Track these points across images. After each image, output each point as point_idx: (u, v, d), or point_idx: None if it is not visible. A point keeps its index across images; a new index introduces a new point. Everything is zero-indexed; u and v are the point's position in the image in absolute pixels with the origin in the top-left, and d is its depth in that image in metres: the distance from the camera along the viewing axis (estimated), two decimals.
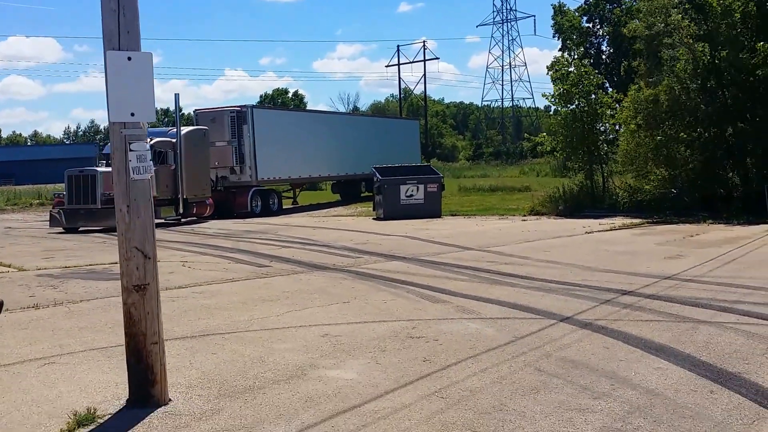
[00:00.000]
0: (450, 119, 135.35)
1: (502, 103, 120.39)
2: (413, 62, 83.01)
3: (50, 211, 29.38)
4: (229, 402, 6.63)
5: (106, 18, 6.24)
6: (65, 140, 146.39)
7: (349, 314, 10.32)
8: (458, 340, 8.62)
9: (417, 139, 51.68)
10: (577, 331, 8.89)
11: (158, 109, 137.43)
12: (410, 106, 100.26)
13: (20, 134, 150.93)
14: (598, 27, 74.60)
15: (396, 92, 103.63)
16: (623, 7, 71.33)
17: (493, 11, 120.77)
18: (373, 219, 27.38)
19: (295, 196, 39.21)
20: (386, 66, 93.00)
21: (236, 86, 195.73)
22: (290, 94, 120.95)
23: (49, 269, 15.56)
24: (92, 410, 6.32)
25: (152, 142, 28.27)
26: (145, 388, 6.51)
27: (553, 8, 76.11)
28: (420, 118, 70.98)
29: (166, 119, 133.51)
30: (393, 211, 26.39)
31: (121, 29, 6.21)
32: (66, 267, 15.90)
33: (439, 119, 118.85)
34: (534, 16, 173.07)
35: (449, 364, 7.60)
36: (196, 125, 32.87)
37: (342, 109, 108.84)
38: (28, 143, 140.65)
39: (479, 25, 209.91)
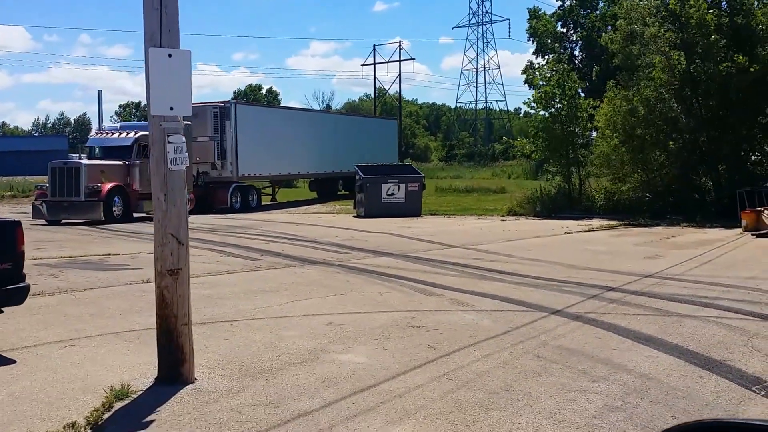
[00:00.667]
0: (423, 120, 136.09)
1: (476, 104, 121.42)
2: (389, 62, 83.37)
3: (32, 202, 29.53)
4: (251, 381, 7.10)
5: (148, 16, 6.70)
6: (34, 132, 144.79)
7: (349, 305, 10.82)
8: (457, 329, 9.16)
9: (395, 139, 52.24)
10: (569, 323, 9.47)
11: (131, 102, 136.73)
12: (384, 106, 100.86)
13: None
14: (572, 32, 75.75)
15: (369, 91, 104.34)
16: (597, 13, 72.56)
17: (469, 14, 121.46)
18: (354, 216, 27.87)
19: (274, 193, 39.52)
20: (362, 65, 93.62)
21: (209, 81, 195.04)
22: (264, 91, 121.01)
23: (45, 259, 15.88)
24: (126, 386, 6.77)
25: (137, 136, 28.59)
26: (175, 366, 6.97)
27: (528, 12, 77.13)
28: (404, 118, 71.60)
29: (137, 113, 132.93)
30: (374, 209, 26.92)
31: (162, 27, 6.68)
32: (61, 257, 16.23)
33: (412, 119, 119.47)
34: (509, 19, 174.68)
35: (452, 351, 8.13)
36: None
37: (316, 107, 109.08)
38: None
39: (455, 27, 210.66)
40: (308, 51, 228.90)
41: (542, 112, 28.22)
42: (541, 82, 28.11)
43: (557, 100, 27.29)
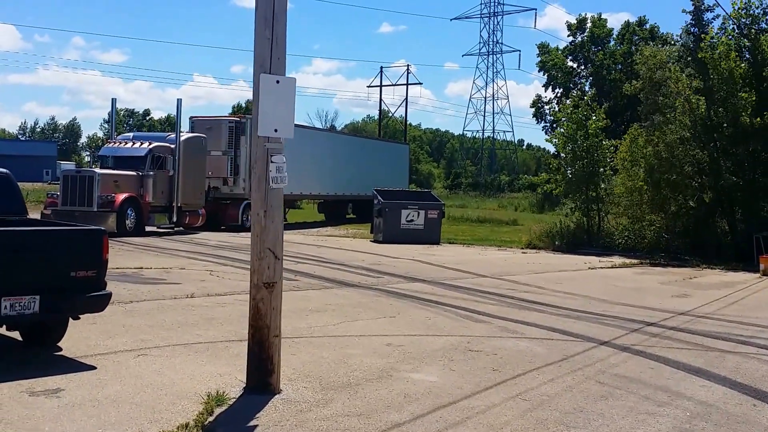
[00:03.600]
0: (426, 146, 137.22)
1: (483, 133, 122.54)
2: (396, 85, 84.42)
3: (41, 211, 29.85)
4: (335, 394, 7.66)
5: (259, 44, 7.34)
6: (20, 136, 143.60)
7: (401, 327, 11.39)
8: (514, 355, 9.74)
9: (406, 164, 52.80)
10: (619, 354, 10.06)
11: (123, 108, 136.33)
12: (387, 129, 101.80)
13: None
14: (582, 67, 77.01)
15: (370, 112, 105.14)
16: (608, 50, 73.80)
17: (480, 42, 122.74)
18: (372, 241, 28.43)
19: (284, 213, 39.88)
20: (368, 86, 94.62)
21: (204, 93, 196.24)
22: None
23: None
24: (222, 393, 7.32)
25: (151, 147, 28.92)
26: (264, 377, 7.53)
27: (538, 48, 78.51)
28: (410, 143, 72.32)
29: (132, 120, 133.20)
30: (393, 234, 27.50)
31: (273, 55, 7.31)
32: None
33: (416, 145, 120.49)
34: (519, 51, 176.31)
35: (517, 374, 8.72)
36: (192, 132, 32.87)
37: (318, 126, 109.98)
38: None
39: (465, 55, 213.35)
40: (310, 68, 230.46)
41: (565, 148, 28.83)
42: (563, 119, 28.80)
43: (580, 138, 27.96)
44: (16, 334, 9.53)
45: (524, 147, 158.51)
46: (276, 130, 7.40)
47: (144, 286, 14.48)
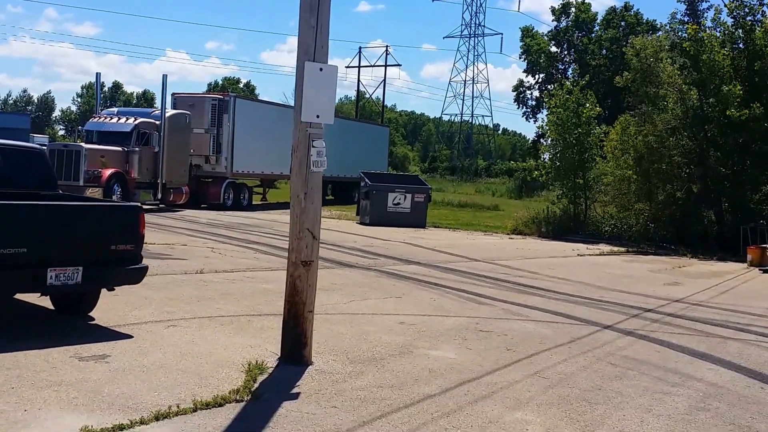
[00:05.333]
0: (401, 128, 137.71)
1: (461, 117, 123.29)
2: (374, 66, 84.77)
3: None
4: (363, 367, 8.27)
5: (304, 32, 7.88)
6: None
7: (409, 307, 12.00)
8: (524, 336, 10.39)
9: (386, 147, 53.32)
10: (624, 338, 10.75)
11: (88, 83, 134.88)
12: (363, 111, 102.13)
13: None
14: (566, 53, 77.91)
15: (348, 93, 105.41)
16: (593, 36, 74.70)
17: (462, 24, 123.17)
18: (358, 223, 28.99)
19: (264, 192, 40.15)
20: (346, 66, 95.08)
21: (177, 68, 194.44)
22: (242, 84, 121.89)
23: None
24: (260, 363, 7.90)
25: (137, 122, 29.20)
26: (298, 349, 8.12)
27: (521, 31, 79.24)
28: (388, 125, 72.74)
29: (104, 96, 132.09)
30: (379, 217, 28.09)
31: (317, 44, 7.86)
32: None
33: (392, 127, 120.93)
34: (502, 34, 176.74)
35: (531, 354, 9.37)
36: (174, 109, 33.00)
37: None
38: None
39: (446, 37, 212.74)
40: (285, 46, 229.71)
41: (555, 135, 29.50)
42: (555, 106, 29.46)
43: (572, 126, 28.64)
44: (48, 304, 10.04)
45: (500, 132, 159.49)
46: (318, 116, 7.93)
47: (153, 261, 14.82)
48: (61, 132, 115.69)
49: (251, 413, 6.56)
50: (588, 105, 29.05)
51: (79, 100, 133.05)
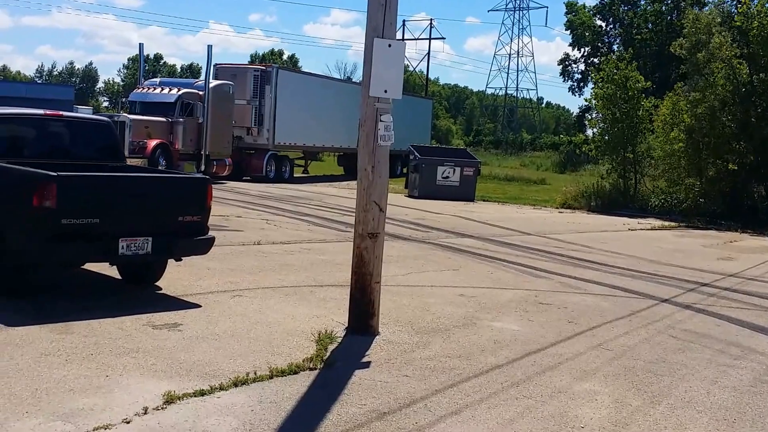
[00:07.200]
0: (444, 101, 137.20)
1: (506, 91, 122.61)
2: (418, 39, 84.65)
3: None
4: (429, 338, 8.41)
5: (373, 9, 7.96)
6: (36, 79, 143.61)
7: (467, 280, 12.12)
8: (584, 309, 10.46)
9: (429, 119, 52.96)
10: (682, 311, 10.78)
11: (134, 55, 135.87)
12: (407, 84, 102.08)
13: None
14: (611, 27, 76.92)
15: None
16: (638, 9, 73.67)
17: None
18: (406, 196, 29.05)
19: (306, 165, 40.08)
20: None
21: (220, 40, 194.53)
22: (284, 57, 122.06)
23: None
24: (330, 332, 8.07)
25: (180, 93, 29.13)
26: (365, 319, 8.27)
27: (565, 6, 78.27)
28: (432, 98, 72.49)
29: (146, 66, 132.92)
30: (428, 190, 28.18)
31: (386, 21, 7.95)
32: None
33: (435, 100, 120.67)
34: (547, 7, 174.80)
35: (592, 327, 9.45)
36: (217, 80, 32.43)
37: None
38: None
39: (491, 10, 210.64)
40: (328, 18, 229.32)
41: (603, 110, 29.33)
42: (600, 80, 29.29)
43: (620, 99, 28.46)
44: (115, 273, 10.30)
45: (543, 105, 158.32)
46: (386, 91, 8.03)
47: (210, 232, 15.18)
48: (105, 104, 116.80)
49: (326, 380, 6.74)
50: (636, 78, 28.78)
51: (124, 71, 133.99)
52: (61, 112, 10.63)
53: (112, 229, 8.54)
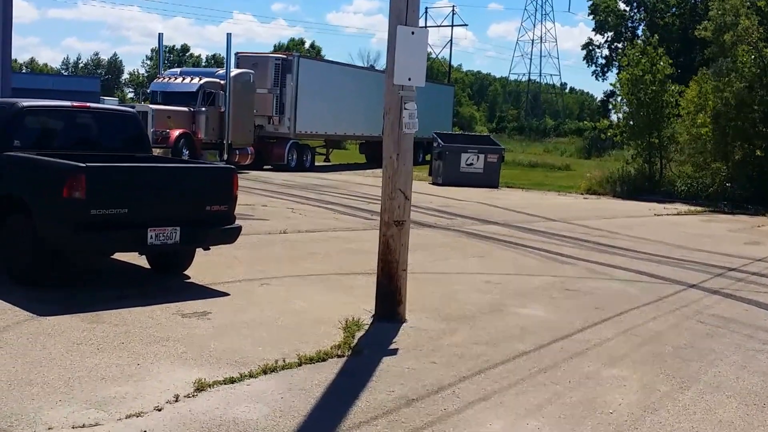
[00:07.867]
0: (467, 88, 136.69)
1: (529, 77, 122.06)
2: (440, 26, 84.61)
3: None
4: (456, 324, 8.43)
5: None
6: (63, 71, 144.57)
7: (493, 267, 12.13)
8: (611, 295, 10.44)
9: (451, 106, 52.65)
10: (710, 296, 10.73)
11: (164, 45, 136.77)
12: (429, 71, 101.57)
13: (14, 60, 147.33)
14: (635, 11, 76.30)
15: None
16: None
17: None
18: (430, 183, 29.03)
19: (328, 153, 39.90)
20: None
21: (243, 30, 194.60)
22: (307, 45, 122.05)
23: None
24: (357, 320, 8.09)
25: (202, 82, 29.03)
26: (393, 306, 8.30)
27: None
28: (454, 85, 72.10)
29: (171, 57, 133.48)
30: (452, 177, 28.13)
31: (408, 8, 7.95)
32: None
33: (458, 87, 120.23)
34: None
35: (620, 312, 9.42)
36: (238, 69, 32.28)
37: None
38: (23, 71, 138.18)
39: None
40: (350, 7, 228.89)
41: (628, 95, 29.15)
42: (626, 65, 29.11)
43: (647, 83, 28.26)
44: (144, 263, 10.38)
45: (567, 91, 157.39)
46: (410, 79, 8.03)
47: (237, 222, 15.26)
48: (130, 95, 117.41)
49: (354, 367, 6.77)
50: (662, 63, 28.56)
51: (149, 62, 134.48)
52: (88, 104, 10.70)
53: (140, 219, 8.61)
